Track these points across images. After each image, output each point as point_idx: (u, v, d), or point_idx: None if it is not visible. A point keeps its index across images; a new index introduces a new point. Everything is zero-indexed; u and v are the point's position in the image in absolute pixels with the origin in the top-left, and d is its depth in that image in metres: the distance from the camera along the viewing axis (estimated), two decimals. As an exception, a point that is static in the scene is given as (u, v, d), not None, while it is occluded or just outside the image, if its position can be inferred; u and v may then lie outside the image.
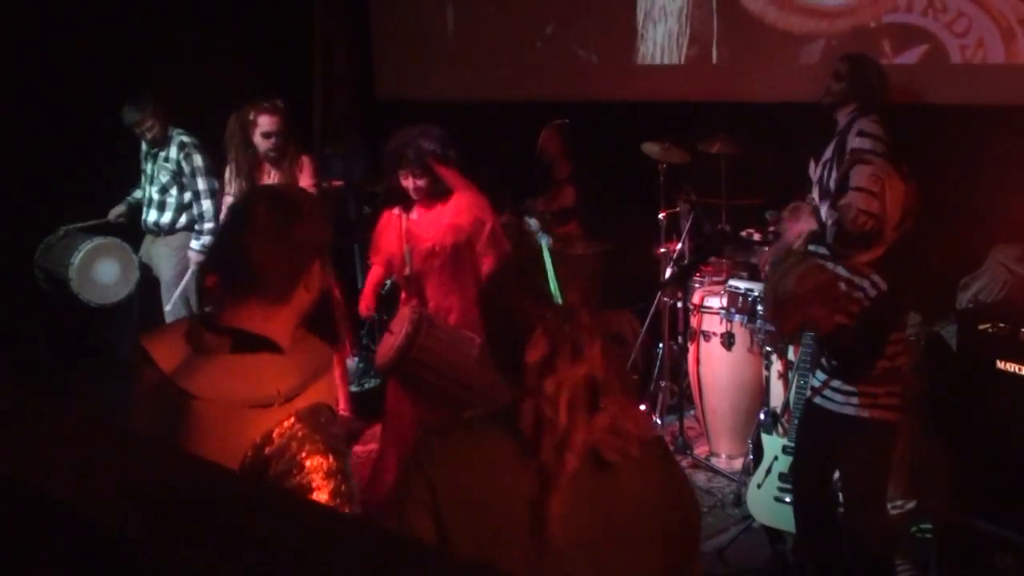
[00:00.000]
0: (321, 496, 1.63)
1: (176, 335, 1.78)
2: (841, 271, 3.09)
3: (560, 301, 1.59)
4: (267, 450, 1.63)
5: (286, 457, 1.63)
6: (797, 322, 3.06)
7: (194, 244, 5.47)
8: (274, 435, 1.64)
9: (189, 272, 5.43)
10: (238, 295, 1.76)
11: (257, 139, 4.75)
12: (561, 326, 1.52)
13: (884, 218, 3.01)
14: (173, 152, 5.48)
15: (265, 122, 4.73)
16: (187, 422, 1.66)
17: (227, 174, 4.94)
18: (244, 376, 1.71)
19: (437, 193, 3.93)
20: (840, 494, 3.42)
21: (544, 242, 5.52)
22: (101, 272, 5.60)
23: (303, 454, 1.64)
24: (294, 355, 1.77)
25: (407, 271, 4.02)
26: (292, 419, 1.67)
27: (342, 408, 5.05)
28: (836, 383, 3.20)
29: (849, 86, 4.40)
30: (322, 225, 1.86)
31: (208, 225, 5.40)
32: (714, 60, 5.71)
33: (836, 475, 3.40)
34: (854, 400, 3.14)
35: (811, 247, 3.35)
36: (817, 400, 3.29)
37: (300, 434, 1.65)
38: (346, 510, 1.66)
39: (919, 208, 3.09)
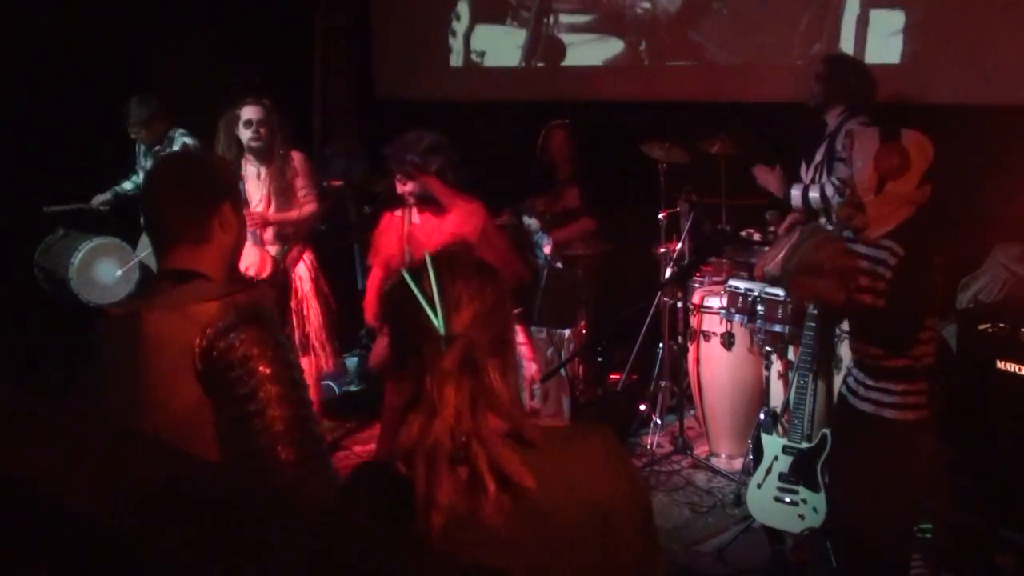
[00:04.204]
0: (263, 367, 1.78)
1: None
2: (860, 248, 3.05)
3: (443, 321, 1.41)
4: (209, 331, 1.79)
5: (227, 335, 1.79)
6: (807, 292, 3.02)
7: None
8: (217, 321, 1.81)
9: None
10: (164, 244, 1.97)
11: (240, 130, 4.68)
12: (424, 374, 1.38)
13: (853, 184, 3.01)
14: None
15: (247, 111, 4.69)
16: (140, 335, 1.83)
17: None
18: (184, 290, 1.91)
19: (427, 199, 3.91)
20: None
21: (542, 241, 5.52)
22: (101, 272, 5.60)
23: (240, 328, 1.80)
24: (229, 285, 1.98)
25: (406, 275, 4.01)
26: (229, 307, 1.83)
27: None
28: (861, 376, 3.15)
29: (825, 87, 4.39)
30: (223, 170, 2.11)
31: None
32: (714, 60, 5.71)
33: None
34: (874, 396, 3.07)
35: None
36: (843, 391, 3.24)
37: (235, 316, 1.82)
38: (284, 375, 1.80)
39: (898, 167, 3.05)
